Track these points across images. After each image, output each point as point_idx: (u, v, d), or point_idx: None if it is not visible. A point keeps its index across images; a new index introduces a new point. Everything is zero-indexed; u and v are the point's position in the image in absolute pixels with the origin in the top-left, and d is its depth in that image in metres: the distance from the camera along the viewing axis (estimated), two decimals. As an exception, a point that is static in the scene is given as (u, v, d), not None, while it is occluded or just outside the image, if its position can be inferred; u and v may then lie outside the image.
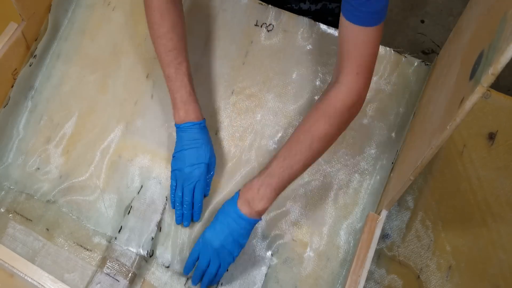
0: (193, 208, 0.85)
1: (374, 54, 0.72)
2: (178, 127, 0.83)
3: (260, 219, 0.77)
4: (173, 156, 0.84)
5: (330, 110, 0.73)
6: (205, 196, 0.86)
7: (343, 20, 0.69)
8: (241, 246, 0.78)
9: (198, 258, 0.80)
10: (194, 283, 0.82)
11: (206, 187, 0.85)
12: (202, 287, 0.81)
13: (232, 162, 0.90)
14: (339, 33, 0.72)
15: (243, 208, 0.75)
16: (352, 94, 0.72)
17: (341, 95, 0.73)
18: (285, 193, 0.87)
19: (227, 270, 0.82)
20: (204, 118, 0.84)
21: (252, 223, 0.76)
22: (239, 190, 0.77)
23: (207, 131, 0.85)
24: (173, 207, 0.86)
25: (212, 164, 0.85)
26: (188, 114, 0.82)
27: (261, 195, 0.75)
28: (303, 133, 0.75)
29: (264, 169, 0.77)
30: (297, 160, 0.74)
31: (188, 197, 0.83)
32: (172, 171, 0.84)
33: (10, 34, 0.90)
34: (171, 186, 0.85)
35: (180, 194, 0.83)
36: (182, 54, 0.83)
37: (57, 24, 1.00)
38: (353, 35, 0.69)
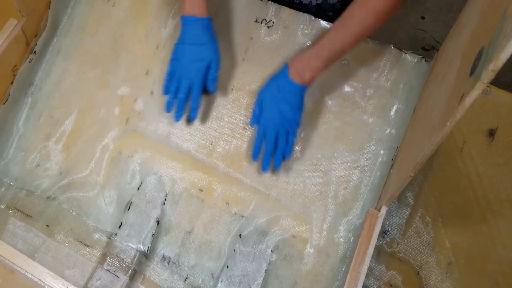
0: (191, 102, 0.86)
1: None
2: (183, 18, 0.83)
3: (310, 86, 0.83)
4: (175, 46, 0.85)
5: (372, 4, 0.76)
6: (210, 93, 0.88)
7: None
8: (301, 111, 0.84)
9: (264, 139, 0.85)
10: (266, 164, 0.85)
11: (211, 84, 0.86)
12: (276, 164, 0.85)
13: (231, 158, 0.90)
14: None
15: (295, 78, 0.81)
16: None
17: None
18: (285, 189, 0.87)
19: (227, 267, 0.82)
20: (211, 16, 0.84)
21: (305, 89, 0.83)
22: (287, 63, 0.83)
23: (212, 29, 0.85)
24: (165, 93, 0.87)
25: (214, 61, 0.85)
26: (194, 7, 0.82)
27: (311, 65, 0.80)
28: (358, 8, 0.78)
29: (316, 41, 0.81)
30: (349, 34, 0.78)
31: (183, 94, 0.84)
32: (171, 59, 0.85)
33: (9, 30, 0.90)
34: (168, 73, 0.86)
35: (176, 85, 0.85)
36: None
37: (56, 20, 1.00)
38: None
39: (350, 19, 0.79)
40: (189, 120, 0.89)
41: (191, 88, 0.85)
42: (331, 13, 1.02)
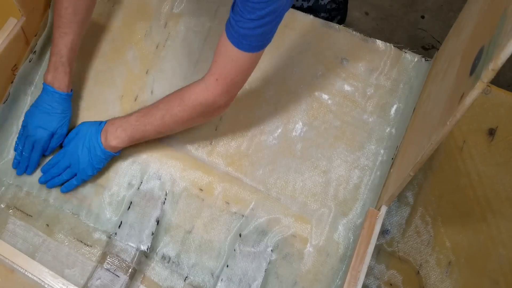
0: (29, 161, 0.91)
1: (239, 74, 0.74)
2: (43, 84, 0.88)
3: (116, 153, 0.87)
4: (30, 107, 0.90)
5: (186, 97, 0.78)
6: (44, 154, 0.92)
7: (224, 27, 0.71)
8: (96, 169, 0.87)
9: (56, 164, 0.89)
10: (43, 180, 0.90)
11: (47, 148, 0.90)
12: (49, 184, 0.89)
13: (231, 158, 0.90)
14: (220, 37, 0.72)
15: (102, 137, 0.84)
16: (208, 94, 0.76)
17: (198, 90, 0.77)
18: (285, 189, 0.87)
19: (227, 267, 0.82)
20: (71, 91, 0.89)
21: (106, 153, 0.85)
22: (108, 120, 0.86)
23: (69, 104, 0.90)
24: (14, 150, 0.92)
25: (58, 134, 0.89)
26: (55, 80, 0.87)
27: (117, 134, 0.84)
28: (162, 103, 0.81)
29: (128, 114, 0.85)
30: (150, 122, 0.82)
31: (26, 152, 0.89)
32: (24, 120, 0.91)
33: (9, 29, 0.90)
34: (19, 133, 0.92)
35: (22, 144, 0.90)
36: (71, 27, 0.86)
37: (56, 19, 1.00)
38: (223, 46, 0.71)
39: (155, 110, 0.82)
40: (27, 174, 0.92)
41: (33, 148, 0.89)
42: (323, 14, 1.02)
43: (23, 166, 0.91)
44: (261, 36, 0.68)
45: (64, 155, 0.88)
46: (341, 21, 1.11)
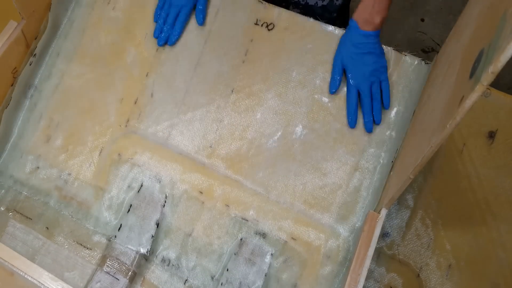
0: (173, 29, 0.92)
1: None
2: None
3: (382, 28, 0.85)
4: None
5: None
6: (198, 23, 0.93)
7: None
8: (383, 54, 0.87)
9: (357, 100, 0.87)
10: (370, 123, 0.87)
11: (198, 14, 0.92)
12: (377, 117, 0.87)
13: (231, 161, 0.90)
14: None
15: (367, 27, 0.83)
16: None
17: None
18: (285, 192, 0.87)
19: (227, 270, 0.82)
20: None
21: (379, 34, 0.85)
22: (351, 18, 0.85)
23: None
24: (155, 20, 0.94)
25: (201, 1, 0.91)
26: None
27: (376, 9, 0.83)
28: None
29: None
30: None
31: (171, 19, 0.91)
32: None
33: (9, 32, 0.90)
34: (160, 1, 0.94)
35: (166, 12, 0.92)
36: None
37: (57, 22, 1.00)
38: None
39: None
40: (168, 44, 0.93)
41: (178, 15, 0.91)
42: (335, 14, 1.02)
43: (165, 35, 0.92)
44: None
45: (358, 89, 0.87)
46: (344, 24, 1.12)
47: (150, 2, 1.00)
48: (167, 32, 0.93)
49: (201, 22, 0.93)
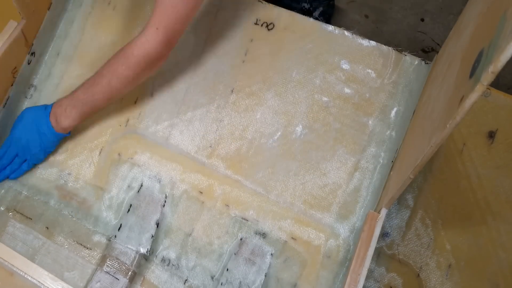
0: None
1: (179, 19, 0.76)
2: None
3: (68, 134, 0.88)
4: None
5: (129, 54, 0.79)
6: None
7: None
8: (47, 152, 0.90)
9: (4, 154, 0.89)
10: None
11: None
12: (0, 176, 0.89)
13: (231, 160, 0.90)
14: None
15: (52, 120, 0.85)
16: (149, 45, 0.78)
17: (139, 44, 0.78)
18: (285, 191, 0.87)
19: (227, 270, 0.82)
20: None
21: (58, 136, 0.87)
22: (53, 103, 0.86)
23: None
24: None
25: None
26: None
27: (67, 113, 0.84)
28: (105, 68, 0.82)
29: (72, 91, 0.85)
30: (97, 91, 0.82)
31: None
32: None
33: (9, 32, 0.90)
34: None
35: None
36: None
37: (57, 22, 1.00)
38: None
39: (99, 78, 0.82)
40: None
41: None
42: (305, 4, 1.03)
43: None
44: None
45: (11, 144, 0.88)
46: (328, 18, 1.11)
47: (150, 2, 1.00)
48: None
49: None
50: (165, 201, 0.88)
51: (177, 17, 0.76)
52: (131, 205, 0.88)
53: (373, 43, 0.92)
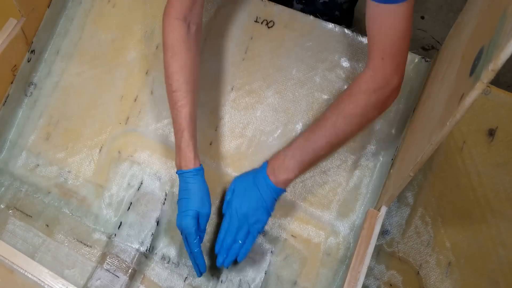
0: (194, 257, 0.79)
1: (401, 37, 0.69)
2: (177, 173, 0.80)
3: (285, 190, 0.80)
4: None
5: (356, 90, 0.75)
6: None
7: (367, 1, 0.68)
8: (269, 214, 0.80)
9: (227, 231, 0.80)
10: (220, 261, 0.79)
11: (200, 234, 0.79)
12: (226, 262, 0.79)
13: (231, 158, 0.90)
14: (366, 18, 0.71)
15: (271, 176, 0.79)
16: (378, 78, 0.73)
17: (366, 78, 0.74)
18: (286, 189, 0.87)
19: (227, 268, 0.82)
20: (200, 166, 0.80)
21: (277, 191, 0.79)
22: (268, 160, 0.81)
23: (200, 178, 0.79)
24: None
25: (202, 215, 0.78)
26: (182, 161, 0.79)
27: (286, 165, 0.78)
28: (330, 111, 0.77)
29: (292, 141, 0.81)
30: (320, 136, 0.77)
31: (186, 247, 0.79)
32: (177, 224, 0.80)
33: (9, 30, 0.90)
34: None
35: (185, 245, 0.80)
36: (186, 97, 0.79)
37: (56, 20, 1.00)
38: (376, 16, 0.69)
39: (322, 121, 0.77)
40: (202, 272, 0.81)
41: (188, 242, 0.79)
42: (337, 12, 1.01)
43: (194, 265, 0.80)
44: None
45: (230, 221, 0.80)
46: (349, 25, 1.10)
47: (149, 0, 1.00)
48: (193, 262, 0.80)
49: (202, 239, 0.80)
50: (165, 199, 0.88)
51: (400, 40, 0.69)
52: (131, 203, 0.88)
53: (373, 40, 0.92)
